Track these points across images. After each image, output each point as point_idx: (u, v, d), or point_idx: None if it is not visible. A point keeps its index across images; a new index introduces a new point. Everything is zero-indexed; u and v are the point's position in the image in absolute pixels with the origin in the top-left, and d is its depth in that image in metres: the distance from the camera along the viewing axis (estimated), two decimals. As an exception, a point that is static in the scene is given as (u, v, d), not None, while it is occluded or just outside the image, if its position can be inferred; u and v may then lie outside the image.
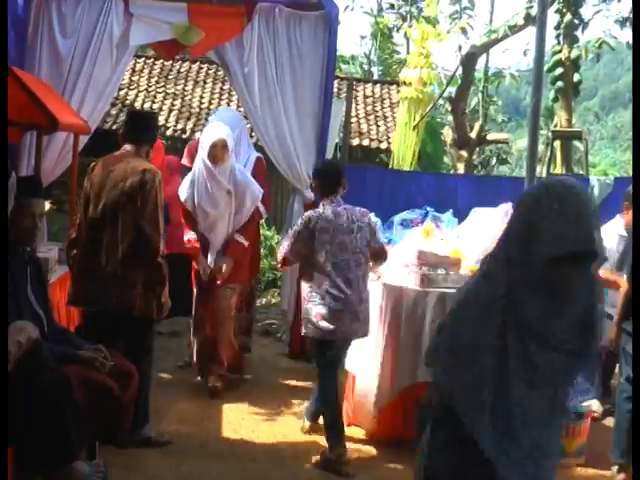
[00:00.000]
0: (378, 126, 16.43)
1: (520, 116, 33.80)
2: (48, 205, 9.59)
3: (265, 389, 5.82)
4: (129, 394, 3.71)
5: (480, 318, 2.10)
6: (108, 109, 8.37)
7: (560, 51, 15.35)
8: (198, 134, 6.17)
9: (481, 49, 14.82)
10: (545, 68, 12.88)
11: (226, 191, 5.46)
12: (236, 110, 8.01)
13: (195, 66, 17.48)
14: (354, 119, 15.67)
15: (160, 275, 4.27)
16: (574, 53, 15.32)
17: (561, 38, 15.46)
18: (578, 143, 14.76)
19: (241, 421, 5.07)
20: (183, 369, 6.11)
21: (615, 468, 4.45)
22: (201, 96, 16.37)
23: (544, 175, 11.49)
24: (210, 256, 5.57)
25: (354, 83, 15.82)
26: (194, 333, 5.74)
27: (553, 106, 17.54)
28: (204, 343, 5.64)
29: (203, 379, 5.67)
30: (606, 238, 2.32)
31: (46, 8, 6.23)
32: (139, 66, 17.16)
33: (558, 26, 15.49)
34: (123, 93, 15.64)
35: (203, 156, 5.47)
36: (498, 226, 5.12)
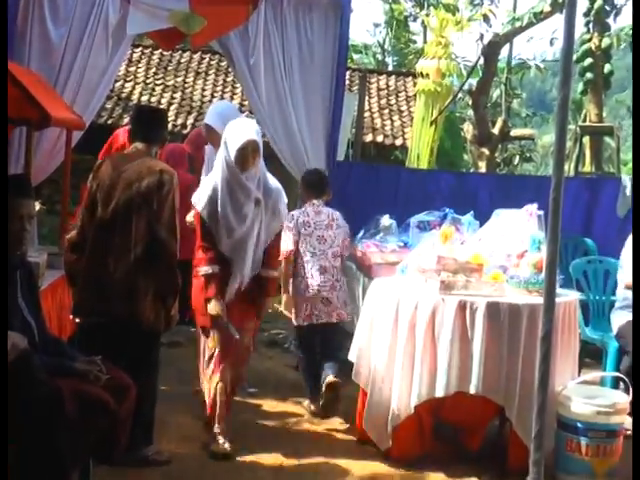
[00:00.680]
0: (393, 121, 16.44)
1: (546, 110, 33.68)
2: (38, 206, 9.61)
3: (271, 404, 5.82)
4: (125, 409, 3.71)
5: None
6: (103, 103, 8.38)
7: (590, 40, 15.27)
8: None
9: (504, 38, 14.76)
10: (574, 58, 12.85)
11: (254, 201, 4.68)
12: (237, 105, 8.02)
13: (196, 56, 17.53)
14: (367, 113, 15.68)
15: (173, 285, 4.25)
16: (605, 42, 15.23)
17: (591, 26, 15.37)
18: (609, 139, 14.69)
19: (246, 439, 5.06)
20: (182, 384, 6.08)
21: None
22: (203, 89, 16.42)
23: (572, 174, 11.46)
24: (232, 282, 4.71)
25: (367, 75, 15.86)
26: (214, 379, 4.78)
27: (582, 99, 17.44)
28: (224, 389, 4.80)
29: (213, 432, 4.82)
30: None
31: (37, -6, 6.25)
32: (136, 56, 17.23)
33: (588, 13, 15.41)
34: (119, 85, 15.71)
35: (228, 161, 4.66)
36: (522, 229, 5.12)
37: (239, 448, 4.76)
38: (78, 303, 4.38)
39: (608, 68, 15.60)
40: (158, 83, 16.48)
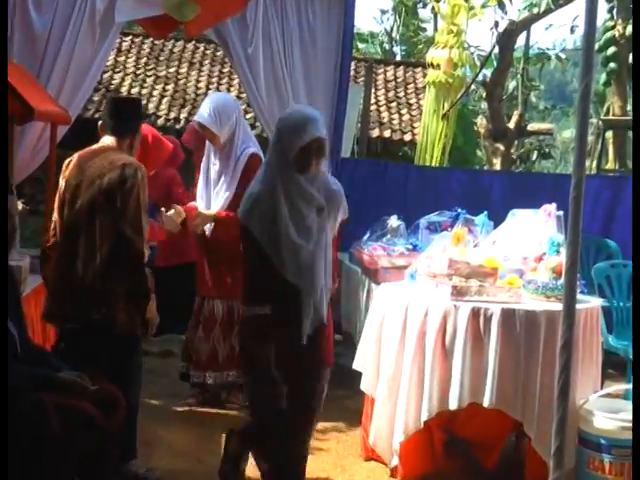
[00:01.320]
0: (401, 115, 16.45)
1: (566, 103, 33.68)
2: (20, 206, 9.63)
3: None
4: (115, 424, 3.71)
5: None
6: (90, 95, 8.38)
7: (613, 27, 15.25)
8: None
9: (521, 25, 14.77)
10: (596, 47, 12.86)
11: (317, 209, 3.93)
12: (235, 97, 8.01)
13: (190, 46, 17.55)
14: (373, 107, 15.69)
15: (143, 286, 4.25)
16: (630, 29, 15.25)
17: (614, 12, 15.37)
18: (634, 134, 14.70)
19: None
20: (175, 396, 6.08)
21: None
22: (197, 80, 16.43)
23: (594, 171, 11.46)
24: (305, 318, 3.83)
25: (374, 65, 15.87)
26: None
27: (605, 91, 17.43)
28: None
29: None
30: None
31: (18, -21, 6.26)
32: (126, 45, 17.26)
33: (611, -2, 15.42)
34: (107, 76, 15.72)
35: (282, 163, 3.87)
36: (540, 230, 5.12)
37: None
38: (48, 307, 4.40)
39: (633, 57, 15.54)
40: (149, 74, 16.49)
